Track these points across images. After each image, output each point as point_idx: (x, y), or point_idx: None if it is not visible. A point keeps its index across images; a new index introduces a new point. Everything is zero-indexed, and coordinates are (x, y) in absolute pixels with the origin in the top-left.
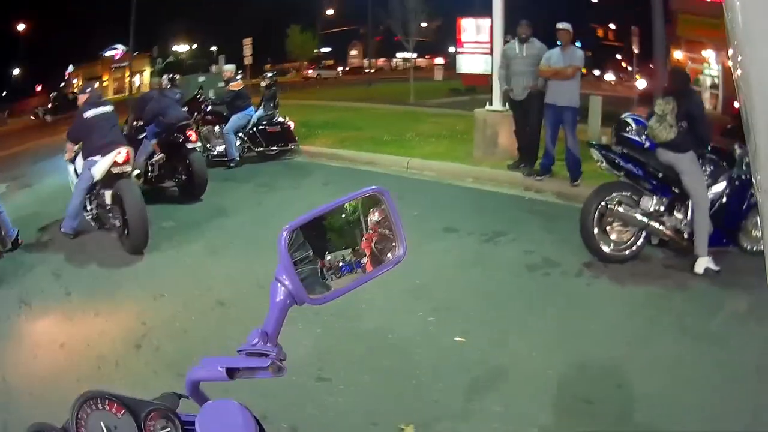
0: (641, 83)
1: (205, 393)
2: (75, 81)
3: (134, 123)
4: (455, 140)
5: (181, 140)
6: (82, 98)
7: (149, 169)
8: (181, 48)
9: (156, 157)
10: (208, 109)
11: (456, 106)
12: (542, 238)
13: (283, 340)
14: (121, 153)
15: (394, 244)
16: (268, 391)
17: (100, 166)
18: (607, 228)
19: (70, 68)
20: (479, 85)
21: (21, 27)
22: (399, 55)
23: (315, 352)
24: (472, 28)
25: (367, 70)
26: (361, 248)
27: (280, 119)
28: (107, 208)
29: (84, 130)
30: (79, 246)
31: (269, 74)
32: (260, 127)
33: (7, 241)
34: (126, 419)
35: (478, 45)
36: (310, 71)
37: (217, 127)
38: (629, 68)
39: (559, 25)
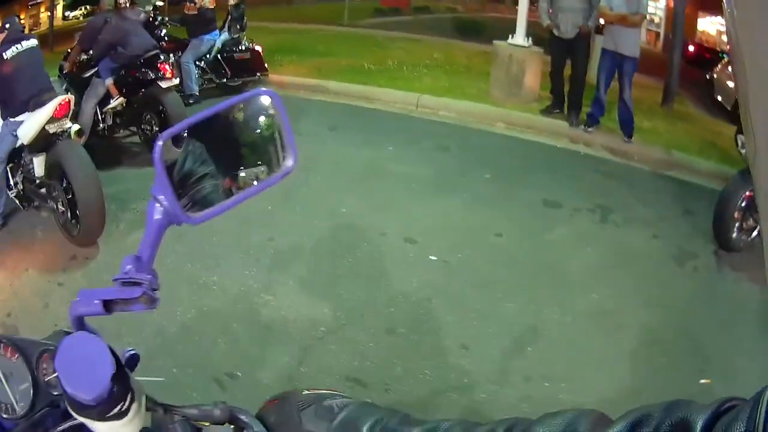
0: None
1: (92, 326)
2: None
3: (77, 57)
4: (453, 73)
5: (150, 77)
6: None
7: (100, 117)
8: None
9: (113, 103)
10: (162, 33)
11: (397, 27)
12: (648, 215)
13: None
14: (59, 103)
15: (283, 153)
16: None
17: (31, 124)
18: (743, 217)
19: None
20: (401, 6)
21: None
22: None
23: None
24: None
25: None
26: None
27: (247, 44)
28: (39, 182)
29: (2, 77)
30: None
31: None
32: (225, 54)
33: None
34: (20, 363)
35: None
36: None
37: (171, 56)
38: None
39: None
